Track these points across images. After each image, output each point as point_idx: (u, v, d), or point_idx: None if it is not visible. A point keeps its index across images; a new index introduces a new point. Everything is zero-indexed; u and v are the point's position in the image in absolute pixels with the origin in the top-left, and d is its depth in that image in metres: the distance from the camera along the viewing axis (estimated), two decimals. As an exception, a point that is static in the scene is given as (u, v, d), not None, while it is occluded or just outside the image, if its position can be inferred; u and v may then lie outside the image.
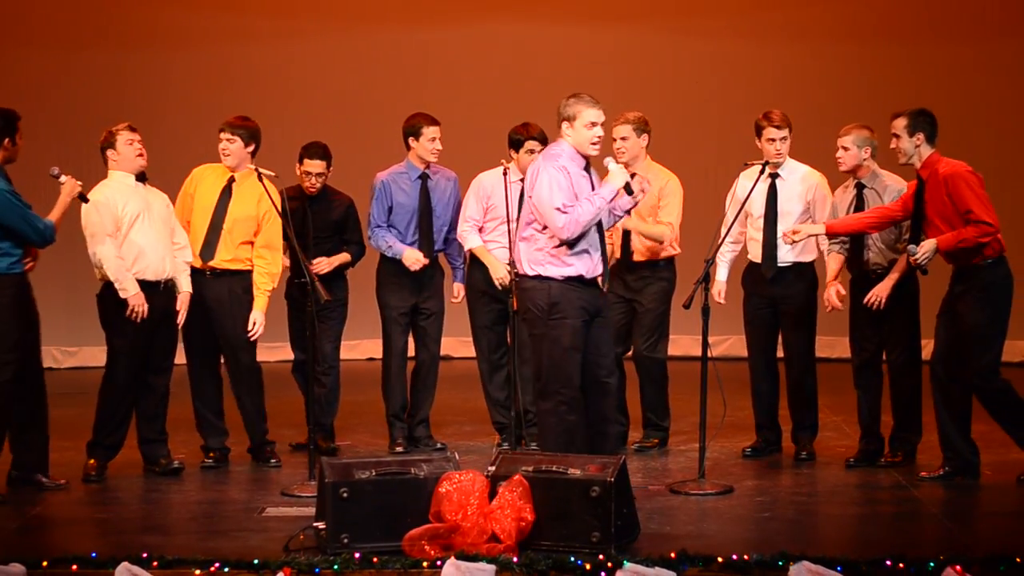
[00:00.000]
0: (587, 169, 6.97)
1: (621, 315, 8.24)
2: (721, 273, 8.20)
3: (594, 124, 6.86)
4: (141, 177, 7.59)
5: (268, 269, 7.84)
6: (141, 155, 7.57)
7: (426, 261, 8.16)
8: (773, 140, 7.96)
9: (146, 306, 7.42)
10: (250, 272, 7.83)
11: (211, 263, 7.77)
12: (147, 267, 7.49)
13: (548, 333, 6.88)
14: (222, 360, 8.02)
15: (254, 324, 7.77)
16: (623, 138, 8.11)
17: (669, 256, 8.25)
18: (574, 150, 6.90)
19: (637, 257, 8.21)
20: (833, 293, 7.78)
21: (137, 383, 7.61)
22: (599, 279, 7.04)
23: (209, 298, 7.78)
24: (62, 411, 7.69)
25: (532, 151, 7.94)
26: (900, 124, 7.33)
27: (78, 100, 11.63)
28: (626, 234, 8.20)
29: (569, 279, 6.87)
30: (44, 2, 11.77)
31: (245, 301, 7.80)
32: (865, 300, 7.63)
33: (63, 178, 7.30)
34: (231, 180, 7.82)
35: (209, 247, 7.78)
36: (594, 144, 6.90)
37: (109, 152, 7.58)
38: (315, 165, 8.12)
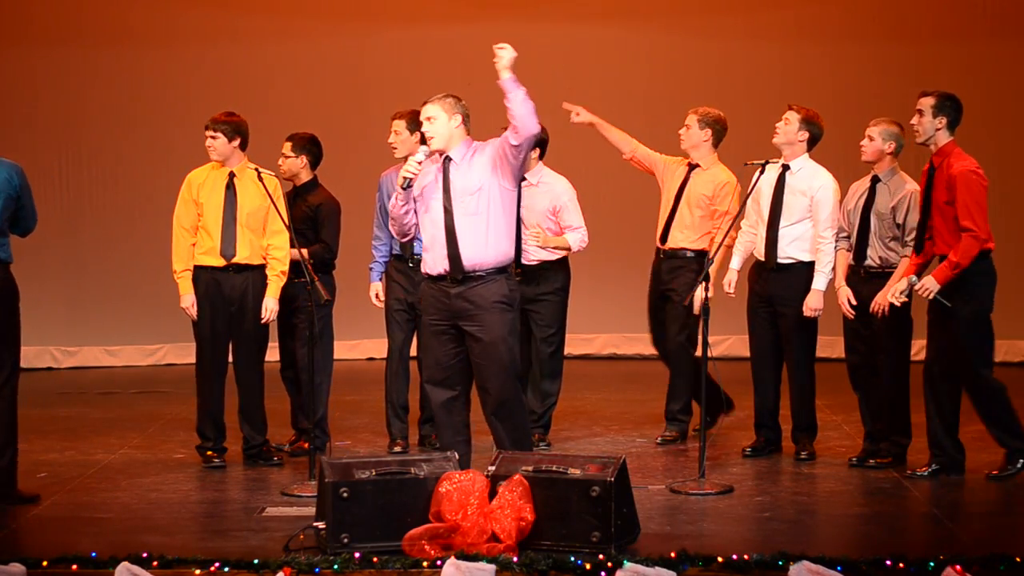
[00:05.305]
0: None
1: (657, 305, 8.39)
2: (735, 262, 8.10)
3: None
4: None
5: (278, 254, 7.85)
6: None
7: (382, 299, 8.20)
8: (779, 122, 7.98)
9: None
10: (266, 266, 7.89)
11: (234, 259, 7.78)
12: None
13: None
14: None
15: (267, 310, 7.79)
16: (686, 126, 8.32)
17: (697, 249, 8.27)
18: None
19: (671, 245, 8.29)
20: (846, 300, 7.72)
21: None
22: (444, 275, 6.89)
23: (230, 293, 7.79)
24: (62, 411, 7.68)
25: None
26: (927, 103, 7.32)
27: (77, 99, 11.63)
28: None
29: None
30: (43, 2, 11.78)
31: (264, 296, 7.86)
32: (871, 310, 7.59)
33: None
34: (231, 176, 7.83)
35: (229, 243, 7.77)
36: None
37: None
38: (283, 146, 8.15)
